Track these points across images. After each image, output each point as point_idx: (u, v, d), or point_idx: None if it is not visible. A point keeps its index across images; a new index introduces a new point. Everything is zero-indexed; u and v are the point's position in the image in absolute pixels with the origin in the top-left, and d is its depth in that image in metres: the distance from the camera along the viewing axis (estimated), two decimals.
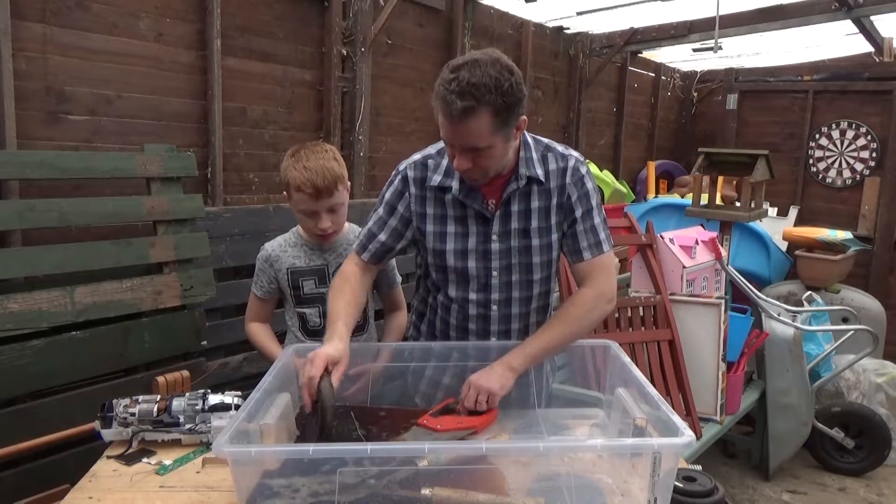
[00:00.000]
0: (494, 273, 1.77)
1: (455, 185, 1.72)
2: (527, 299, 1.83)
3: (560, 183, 1.76)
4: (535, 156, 1.74)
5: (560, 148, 1.80)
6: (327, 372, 1.50)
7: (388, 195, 1.80)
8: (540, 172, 1.73)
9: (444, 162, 1.74)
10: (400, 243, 1.81)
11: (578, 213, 1.77)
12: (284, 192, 2.03)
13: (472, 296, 1.80)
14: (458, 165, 1.62)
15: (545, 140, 1.80)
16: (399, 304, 2.23)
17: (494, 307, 1.81)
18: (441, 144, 1.75)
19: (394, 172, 1.82)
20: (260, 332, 2.12)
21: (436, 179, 1.75)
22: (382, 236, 1.79)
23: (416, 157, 1.81)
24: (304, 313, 2.07)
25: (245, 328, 2.17)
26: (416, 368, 1.88)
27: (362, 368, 1.81)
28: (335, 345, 1.56)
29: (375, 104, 3.81)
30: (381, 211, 1.81)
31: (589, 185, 1.78)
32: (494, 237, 1.75)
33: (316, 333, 2.06)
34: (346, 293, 1.73)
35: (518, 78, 1.55)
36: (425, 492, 1.29)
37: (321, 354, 1.51)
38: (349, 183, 2.07)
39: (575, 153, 1.80)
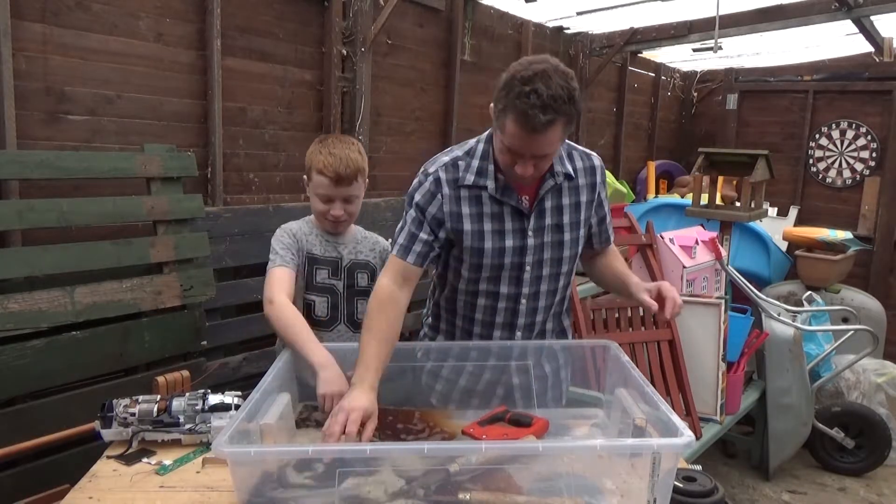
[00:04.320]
0: (527, 268, 1.82)
1: (491, 184, 1.76)
2: (553, 292, 1.89)
3: (590, 181, 1.87)
4: (563, 153, 1.82)
5: (580, 147, 1.90)
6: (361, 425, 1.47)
7: (418, 198, 1.79)
8: (570, 169, 1.82)
9: (475, 162, 1.77)
10: (436, 241, 1.79)
11: (606, 208, 1.96)
12: (304, 177, 2.04)
13: (504, 289, 1.83)
14: (524, 172, 1.65)
15: (566, 140, 1.85)
16: None
17: (524, 301, 1.85)
18: (467, 145, 1.82)
19: (421, 174, 1.83)
20: (294, 309, 1.89)
21: (469, 179, 1.77)
22: (424, 235, 1.77)
23: (445, 158, 1.82)
24: (312, 301, 2.04)
25: (271, 304, 1.86)
26: (432, 368, 1.93)
27: None
28: (369, 397, 1.53)
29: (375, 104, 3.81)
30: (413, 212, 1.80)
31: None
32: (530, 233, 1.79)
33: (320, 324, 2.03)
34: (383, 326, 1.69)
35: (577, 84, 1.62)
36: (463, 496, 1.29)
37: (358, 409, 1.47)
38: (366, 179, 2.09)
39: (593, 152, 1.92)
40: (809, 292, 4.25)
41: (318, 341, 1.75)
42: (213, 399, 1.69)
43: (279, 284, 1.91)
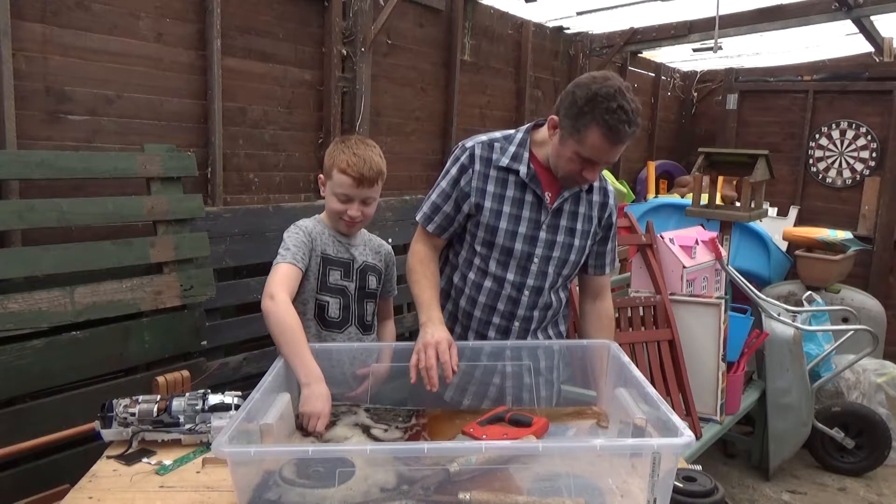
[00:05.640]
0: (535, 259, 1.91)
1: (523, 169, 1.88)
2: (555, 291, 1.98)
3: (604, 201, 1.99)
4: None
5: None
6: None
7: (453, 170, 1.93)
8: (594, 183, 1.93)
9: (512, 148, 1.90)
10: (459, 215, 1.93)
11: (611, 233, 2.04)
12: (320, 177, 2.04)
13: (510, 276, 1.91)
14: (593, 177, 1.82)
15: None
16: (391, 313, 2.26)
17: (526, 292, 1.93)
18: (509, 132, 1.95)
19: (458, 148, 1.95)
20: (294, 312, 1.80)
21: (504, 161, 1.89)
22: (447, 207, 1.93)
23: (483, 137, 1.95)
24: (326, 302, 2.02)
25: (272, 300, 1.76)
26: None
27: (368, 369, 1.83)
28: (444, 328, 1.77)
29: (375, 104, 3.81)
30: (443, 184, 1.94)
31: None
32: (544, 226, 1.90)
33: (332, 326, 2.02)
34: (429, 275, 1.92)
35: None
36: (463, 496, 1.29)
37: (443, 339, 1.71)
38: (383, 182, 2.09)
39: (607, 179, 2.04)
40: (809, 292, 4.25)
41: (310, 353, 1.69)
42: (213, 399, 1.69)
43: (284, 281, 1.83)
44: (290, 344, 1.70)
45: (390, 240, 2.26)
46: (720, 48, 5.03)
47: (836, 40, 5.53)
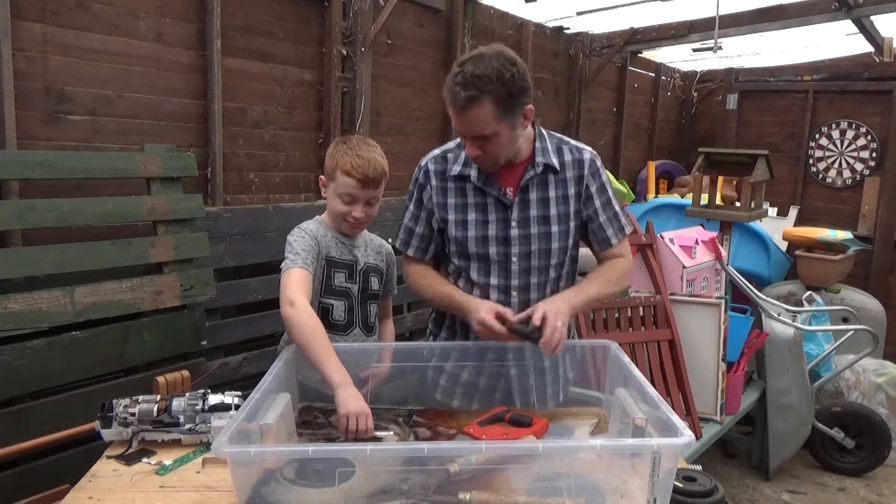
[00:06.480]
0: (514, 259, 1.85)
1: (474, 173, 1.83)
2: (544, 284, 1.91)
3: (578, 174, 1.88)
4: (549, 146, 1.86)
5: (574, 142, 1.93)
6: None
7: (414, 191, 1.93)
8: (555, 161, 1.84)
9: (463, 154, 1.85)
10: (434, 233, 1.92)
11: (598, 203, 1.90)
12: (321, 178, 2.03)
13: (494, 280, 1.87)
14: (469, 152, 1.75)
15: (558, 134, 1.93)
16: (390, 312, 2.27)
17: (514, 293, 1.88)
18: (459, 138, 1.86)
19: (417, 168, 1.94)
20: (316, 318, 1.78)
21: (455, 169, 1.86)
22: (419, 229, 1.93)
23: (436, 151, 1.93)
24: (330, 305, 2.01)
25: (293, 306, 1.74)
26: (424, 368, 1.94)
27: (368, 371, 1.83)
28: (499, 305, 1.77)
29: (375, 104, 3.81)
30: (411, 207, 1.95)
31: (604, 176, 1.94)
32: (514, 224, 1.84)
33: (337, 328, 2.01)
34: (438, 278, 1.93)
35: (521, 69, 1.66)
36: (463, 496, 1.29)
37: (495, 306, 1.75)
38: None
39: (588, 147, 1.94)
40: (809, 292, 4.25)
41: (336, 357, 1.68)
42: (213, 399, 1.69)
43: (300, 286, 1.81)
44: (318, 348, 1.68)
45: (390, 240, 2.26)
46: (720, 48, 5.03)
47: (836, 40, 5.53)
